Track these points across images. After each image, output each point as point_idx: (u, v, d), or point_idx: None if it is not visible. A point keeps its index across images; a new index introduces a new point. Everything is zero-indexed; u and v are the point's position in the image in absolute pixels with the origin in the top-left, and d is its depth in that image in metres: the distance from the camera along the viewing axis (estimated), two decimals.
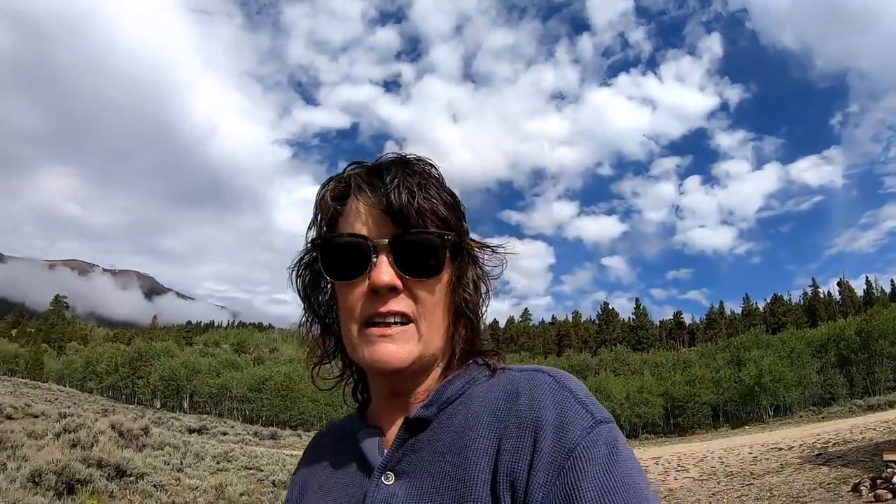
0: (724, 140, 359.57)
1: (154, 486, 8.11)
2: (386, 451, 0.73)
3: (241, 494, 8.95)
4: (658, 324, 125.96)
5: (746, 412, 65.80)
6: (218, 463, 13.21)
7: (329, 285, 0.80)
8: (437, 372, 0.77)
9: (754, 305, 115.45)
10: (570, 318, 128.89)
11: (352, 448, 0.78)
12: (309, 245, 0.80)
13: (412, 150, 0.76)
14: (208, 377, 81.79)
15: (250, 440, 28.73)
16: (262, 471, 12.39)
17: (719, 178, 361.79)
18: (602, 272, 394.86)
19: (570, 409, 0.65)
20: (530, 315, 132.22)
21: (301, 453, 0.90)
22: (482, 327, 0.80)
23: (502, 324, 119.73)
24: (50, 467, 7.07)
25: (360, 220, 0.73)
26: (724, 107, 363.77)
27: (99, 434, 10.87)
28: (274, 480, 11.19)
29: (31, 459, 7.62)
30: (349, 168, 0.79)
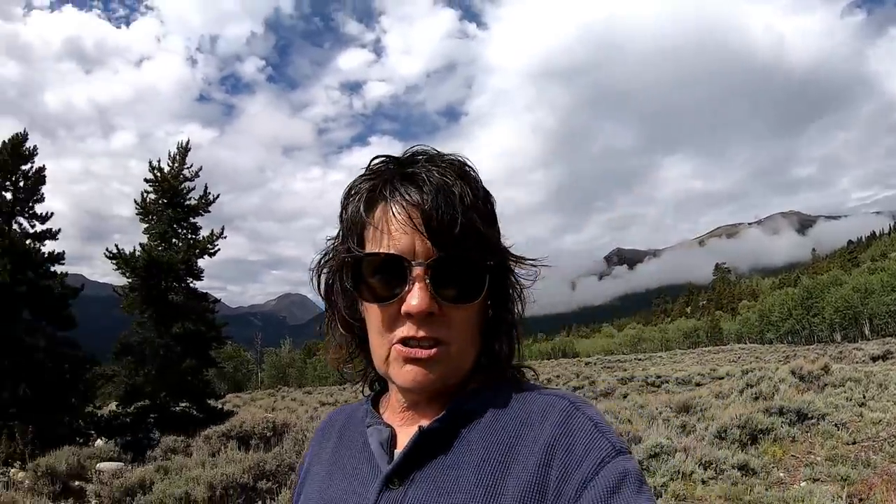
0: None
1: (835, 425, 8.20)
2: (395, 453, 0.71)
3: None
4: None
5: None
6: None
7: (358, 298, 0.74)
8: (459, 383, 0.72)
9: None
10: None
11: (361, 442, 0.76)
12: (333, 250, 0.74)
13: None
14: (883, 295, 72.41)
15: None
16: None
17: None
18: None
19: (589, 437, 0.63)
20: None
21: None
22: (519, 340, 0.76)
23: None
24: (734, 422, 7.75)
25: (393, 235, 0.66)
26: None
27: (779, 382, 11.86)
28: None
29: (718, 418, 8.46)
30: (377, 163, 0.71)
